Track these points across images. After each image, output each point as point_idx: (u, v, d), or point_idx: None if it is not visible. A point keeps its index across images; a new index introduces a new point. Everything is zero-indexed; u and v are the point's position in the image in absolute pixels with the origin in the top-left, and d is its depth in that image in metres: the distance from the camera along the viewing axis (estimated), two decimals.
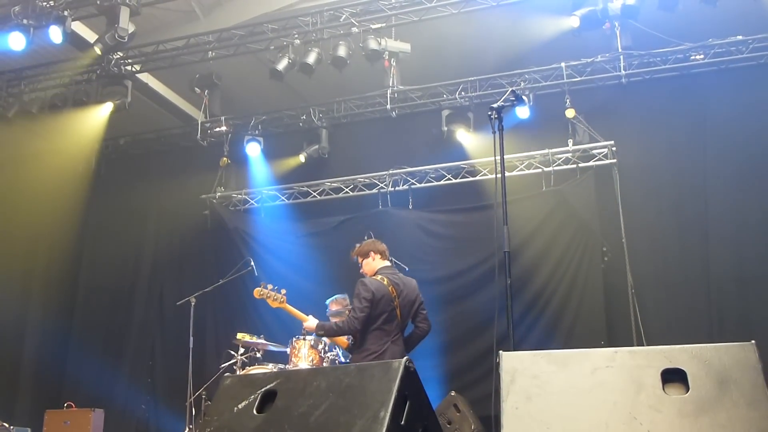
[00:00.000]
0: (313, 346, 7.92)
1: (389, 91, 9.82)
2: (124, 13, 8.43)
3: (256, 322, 9.79)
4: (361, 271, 6.76)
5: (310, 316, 6.70)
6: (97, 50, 8.64)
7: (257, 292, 7.00)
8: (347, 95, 10.51)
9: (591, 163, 9.43)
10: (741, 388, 2.80)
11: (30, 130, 11.13)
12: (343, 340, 6.79)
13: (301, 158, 10.70)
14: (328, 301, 8.98)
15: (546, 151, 9.57)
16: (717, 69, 9.05)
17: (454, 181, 10.13)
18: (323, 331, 6.44)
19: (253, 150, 10.73)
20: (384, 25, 9.02)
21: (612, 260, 8.96)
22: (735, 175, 8.80)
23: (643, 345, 8.07)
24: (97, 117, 10.23)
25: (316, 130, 10.73)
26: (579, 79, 9.46)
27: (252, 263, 9.46)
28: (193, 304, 9.05)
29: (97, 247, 11.42)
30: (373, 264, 6.71)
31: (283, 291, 7.00)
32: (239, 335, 8.22)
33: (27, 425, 9.00)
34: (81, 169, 11.00)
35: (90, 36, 9.19)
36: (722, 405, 2.78)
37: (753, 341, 2.91)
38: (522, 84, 9.60)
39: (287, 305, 6.91)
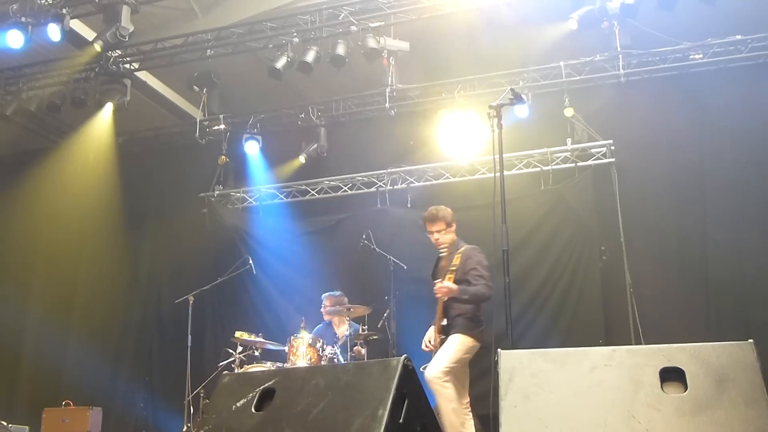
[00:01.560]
0: (311, 345, 7.94)
1: (388, 90, 9.81)
2: (126, 12, 8.44)
3: (254, 320, 9.80)
4: (436, 240, 6.43)
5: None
6: (97, 47, 8.63)
7: None
8: (346, 94, 10.51)
9: (589, 162, 9.44)
10: (739, 387, 2.80)
11: (32, 131, 11.16)
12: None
13: (301, 159, 10.70)
14: (323, 296, 9.02)
15: (544, 149, 9.58)
16: (716, 68, 9.05)
17: (452, 179, 10.12)
18: (468, 295, 6.03)
19: (252, 148, 10.74)
20: (383, 23, 9.01)
21: (610, 259, 8.97)
22: (733, 174, 8.81)
23: (641, 344, 8.08)
24: (102, 121, 10.29)
25: (315, 128, 10.72)
26: (578, 78, 9.46)
27: (250, 261, 9.48)
28: (191, 302, 9.07)
29: (96, 245, 11.40)
30: (454, 236, 6.44)
31: None
32: (237, 333, 8.22)
33: (25, 423, 8.99)
34: (83, 171, 11.01)
35: (89, 34, 9.17)
36: (720, 404, 2.78)
37: (751, 340, 2.91)
38: (521, 83, 9.60)
39: None
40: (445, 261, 6.41)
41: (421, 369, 6.37)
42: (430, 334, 6.52)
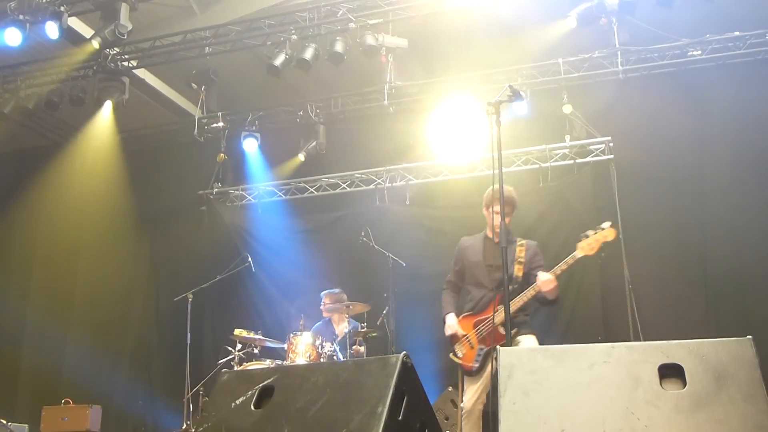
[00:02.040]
0: (311, 342, 7.95)
1: (386, 87, 9.80)
2: (124, 10, 8.43)
3: (253, 318, 9.82)
4: (498, 225, 5.48)
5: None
6: (96, 44, 8.61)
7: None
8: (344, 91, 10.50)
9: (588, 159, 9.43)
10: (738, 383, 2.80)
11: (30, 129, 11.15)
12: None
13: (301, 157, 10.69)
14: (322, 294, 9.03)
15: (543, 146, 9.57)
16: (714, 65, 9.04)
17: (451, 177, 10.12)
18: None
19: (250, 146, 10.73)
20: (381, 20, 9.00)
21: (609, 256, 8.90)
22: (732, 171, 8.81)
23: (640, 340, 8.08)
24: (102, 119, 10.30)
25: (314, 126, 10.71)
26: (576, 74, 9.44)
27: (249, 259, 9.48)
28: (190, 300, 9.07)
29: (95, 244, 11.38)
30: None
31: None
32: (237, 331, 8.22)
33: (25, 421, 8.99)
34: (82, 170, 11.01)
35: (87, 32, 9.16)
36: (719, 400, 2.78)
37: (750, 336, 2.91)
38: (519, 80, 9.59)
39: None
40: (493, 247, 5.92)
41: (450, 356, 6.07)
42: (454, 320, 6.03)
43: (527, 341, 5.75)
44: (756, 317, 8.21)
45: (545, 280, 5.58)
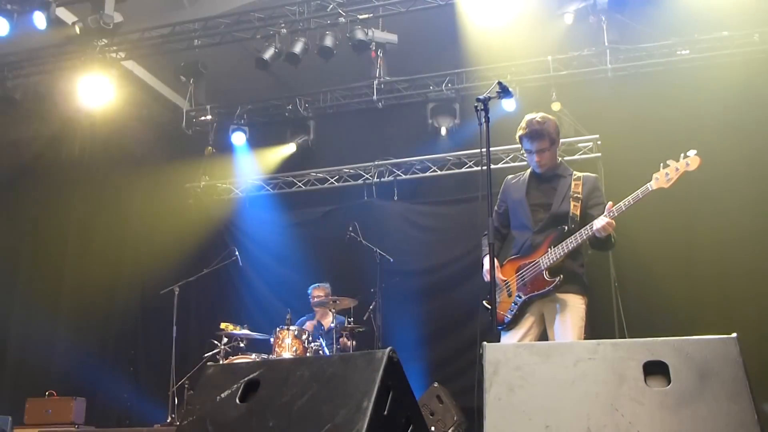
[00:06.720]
0: (297, 336, 7.95)
1: (375, 82, 9.80)
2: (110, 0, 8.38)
3: (239, 311, 9.80)
4: (537, 162, 5.34)
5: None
6: (77, 29, 8.52)
7: None
8: (333, 85, 10.49)
9: (576, 157, 9.44)
10: (722, 381, 2.81)
11: (16, 120, 11.05)
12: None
13: (292, 146, 10.69)
14: (310, 289, 9.03)
15: None
16: (703, 64, 9.07)
17: (439, 172, 10.13)
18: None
19: (239, 139, 10.70)
20: (371, 15, 8.99)
21: (595, 253, 8.96)
22: (720, 169, 8.82)
23: (626, 337, 8.12)
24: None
25: (302, 120, 10.70)
26: (565, 72, 9.46)
27: (236, 253, 9.46)
28: (176, 293, 9.06)
29: (81, 236, 11.32)
30: (557, 156, 5.39)
31: None
32: (223, 325, 8.22)
33: (8, 413, 8.93)
34: (65, 155, 10.93)
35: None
36: (703, 398, 2.79)
37: (735, 335, 2.92)
38: (508, 76, 9.59)
39: None
40: (539, 184, 5.39)
41: (484, 303, 5.12)
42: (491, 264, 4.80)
43: (572, 303, 5.14)
44: (741, 315, 8.26)
45: (602, 225, 4.86)
